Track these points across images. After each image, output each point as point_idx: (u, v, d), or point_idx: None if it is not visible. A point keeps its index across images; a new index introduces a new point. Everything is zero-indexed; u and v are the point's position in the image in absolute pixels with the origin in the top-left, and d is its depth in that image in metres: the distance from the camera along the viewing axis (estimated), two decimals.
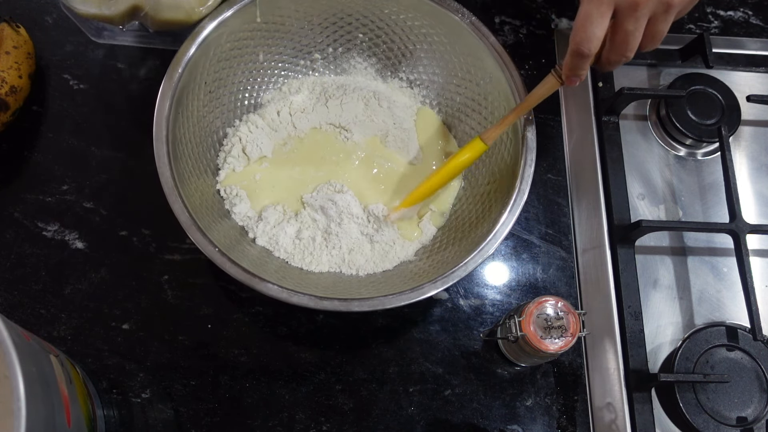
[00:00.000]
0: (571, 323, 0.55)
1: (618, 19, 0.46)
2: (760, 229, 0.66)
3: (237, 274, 0.51)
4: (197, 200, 0.56)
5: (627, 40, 0.47)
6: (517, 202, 0.55)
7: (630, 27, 0.46)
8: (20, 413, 0.38)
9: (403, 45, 0.67)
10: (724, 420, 0.60)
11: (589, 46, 0.47)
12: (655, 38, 0.48)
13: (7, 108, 0.64)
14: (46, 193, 0.66)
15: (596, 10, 0.46)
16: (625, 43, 0.47)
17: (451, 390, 0.62)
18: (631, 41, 0.47)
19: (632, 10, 0.45)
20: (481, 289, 0.66)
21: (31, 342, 0.45)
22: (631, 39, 0.47)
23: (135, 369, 0.60)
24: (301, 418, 0.60)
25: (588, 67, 0.50)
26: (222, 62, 0.62)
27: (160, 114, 0.55)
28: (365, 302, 0.52)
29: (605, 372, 0.63)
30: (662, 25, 0.47)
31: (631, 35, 0.47)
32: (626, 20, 0.46)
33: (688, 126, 0.72)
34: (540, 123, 0.67)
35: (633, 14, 0.45)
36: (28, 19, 0.71)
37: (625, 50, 0.48)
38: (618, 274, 0.65)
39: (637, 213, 0.70)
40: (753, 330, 0.61)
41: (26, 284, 0.62)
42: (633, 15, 0.45)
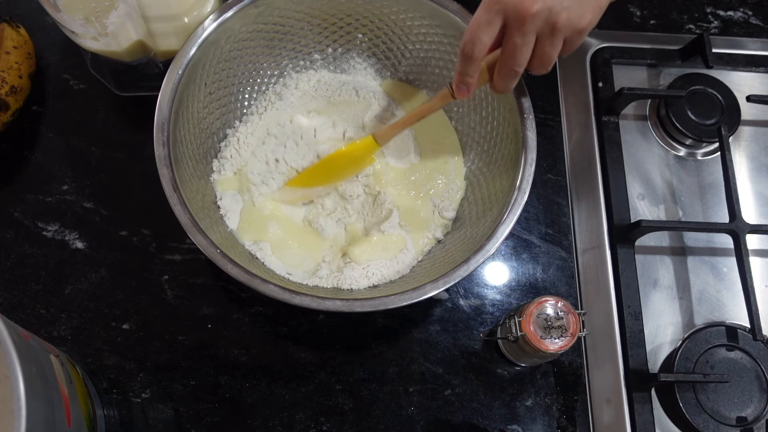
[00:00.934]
0: (571, 323, 0.55)
1: (507, 31, 0.48)
2: (760, 229, 0.66)
3: (238, 275, 0.51)
4: (198, 201, 0.56)
5: (514, 54, 0.48)
6: (517, 202, 0.55)
7: (518, 40, 0.47)
8: (20, 413, 0.38)
9: (403, 45, 0.67)
10: (724, 420, 0.60)
11: (473, 48, 0.49)
12: (543, 60, 0.49)
13: (7, 108, 0.64)
14: (46, 193, 0.66)
15: (485, 16, 0.48)
16: (513, 57, 0.49)
17: (451, 390, 0.62)
18: (518, 55, 0.48)
19: (519, 24, 0.46)
20: (481, 289, 0.66)
21: (31, 342, 0.45)
22: (518, 53, 0.48)
23: (135, 369, 0.60)
24: (301, 418, 0.60)
25: (475, 75, 0.51)
26: (222, 63, 0.62)
27: (160, 115, 0.55)
28: (367, 302, 0.52)
29: (605, 372, 0.63)
30: (548, 47, 0.48)
31: (518, 49, 0.48)
32: (514, 33, 0.47)
33: (688, 126, 0.72)
34: (540, 123, 0.67)
35: (520, 28, 0.47)
36: (28, 19, 0.70)
37: (513, 63, 0.49)
38: (618, 274, 0.65)
39: (637, 213, 0.70)
40: (753, 330, 0.61)
41: (26, 284, 0.62)
42: (520, 29, 0.47)
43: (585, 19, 0.48)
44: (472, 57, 0.50)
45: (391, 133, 0.61)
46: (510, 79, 0.51)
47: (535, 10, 0.45)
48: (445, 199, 0.65)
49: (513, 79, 0.51)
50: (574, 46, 0.50)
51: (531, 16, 0.46)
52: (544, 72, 0.51)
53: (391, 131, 0.61)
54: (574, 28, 0.48)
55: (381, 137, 0.61)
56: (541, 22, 0.46)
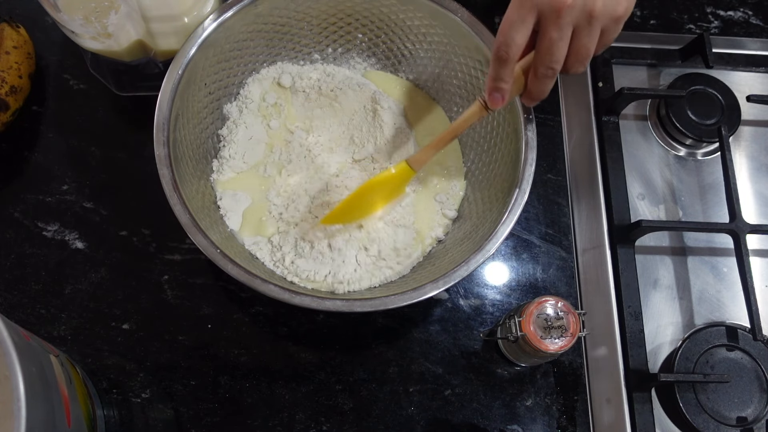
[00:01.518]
0: (571, 323, 0.55)
1: (542, 26, 0.46)
2: (760, 229, 0.66)
3: (238, 275, 0.51)
4: (198, 201, 0.56)
5: (552, 50, 0.46)
6: (518, 202, 0.55)
7: (554, 34, 0.45)
8: (20, 413, 0.38)
9: (403, 45, 0.67)
10: (724, 420, 0.60)
11: (508, 50, 0.47)
12: (580, 55, 0.47)
13: (7, 108, 0.64)
14: (46, 193, 0.66)
15: (518, 15, 0.46)
16: (550, 53, 0.47)
17: (451, 390, 0.62)
18: (555, 51, 0.46)
19: (555, 17, 0.45)
20: (481, 289, 0.66)
21: (31, 342, 0.45)
22: (556, 49, 0.46)
23: (135, 369, 0.60)
24: (301, 418, 0.60)
25: (509, 79, 0.49)
26: (222, 63, 0.62)
27: (160, 115, 0.55)
28: (367, 302, 0.52)
29: (605, 372, 0.63)
30: (586, 39, 0.46)
31: (555, 44, 0.46)
32: (550, 27, 0.45)
33: (688, 126, 0.72)
34: (540, 123, 0.67)
35: (556, 21, 0.45)
36: (28, 19, 0.70)
37: (550, 60, 0.47)
38: (618, 274, 0.65)
39: (637, 213, 0.70)
40: (753, 330, 0.61)
41: (26, 284, 0.62)
42: (556, 22, 0.45)
43: (621, 5, 0.46)
44: (507, 59, 0.47)
45: (426, 156, 0.57)
46: (547, 80, 0.49)
47: (571, 0, 0.44)
48: (450, 197, 0.65)
49: (550, 80, 0.49)
50: (612, 38, 0.48)
51: (567, 7, 0.44)
52: (581, 69, 0.49)
53: (425, 155, 0.57)
54: (610, 16, 0.46)
55: (416, 162, 0.58)
56: (578, 12, 0.45)
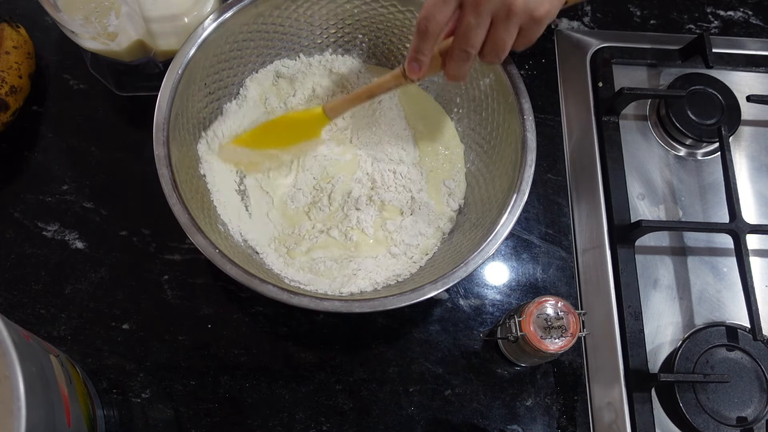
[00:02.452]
0: (571, 323, 0.55)
1: (462, 10, 0.48)
2: (760, 229, 0.66)
3: (237, 275, 0.51)
4: (197, 201, 0.56)
5: (468, 34, 0.48)
6: (517, 202, 0.55)
7: (472, 20, 0.47)
8: (20, 413, 0.38)
9: (403, 46, 0.67)
10: (724, 420, 0.60)
11: (428, 24, 0.48)
12: (496, 46, 0.49)
13: (7, 108, 0.64)
14: (46, 193, 0.66)
15: None
16: (466, 37, 0.48)
17: (451, 390, 0.62)
18: (471, 36, 0.48)
19: (475, 4, 0.46)
20: (481, 289, 0.66)
21: (31, 342, 0.45)
22: (473, 34, 0.48)
23: (135, 369, 0.60)
24: (301, 418, 0.60)
25: (428, 53, 0.51)
26: (222, 63, 0.62)
27: (160, 114, 0.55)
28: (366, 303, 0.52)
29: (605, 372, 0.63)
30: (503, 32, 0.48)
31: (472, 30, 0.48)
32: (469, 12, 0.47)
33: (688, 126, 0.72)
34: (540, 123, 0.67)
35: (475, 8, 0.47)
36: (28, 19, 0.70)
37: (466, 44, 0.49)
38: (618, 274, 0.65)
39: (637, 213, 0.70)
40: (753, 330, 0.61)
41: (26, 284, 0.63)
42: (475, 9, 0.47)
43: (543, 7, 0.47)
44: (427, 32, 0.49)
45: (341, 107, 0.60)
46: (462, 62, 0.51)
47: None
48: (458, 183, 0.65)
49: (466, 63, 0.51)
50: (533, 37, 0.50)
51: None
52: (496, 61, 0.51)
53: (341, 105, 0.59)
54: (530, 15, 0.47)
55: (331, 110, 0.60)
56: (497, 4, 0.46)
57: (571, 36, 0.78)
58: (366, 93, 0.58)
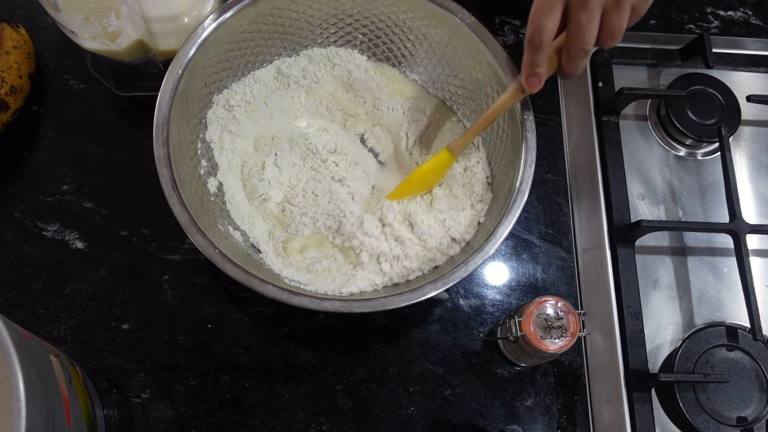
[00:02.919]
0: (571, 323, 0.55)
1: (571, 11, 0.47)
2: (760, 229, 0.66)
3: (237, 275, 0.51)
4: (197, 201, 0.56)
5: (582, 33, 0.48)
6: (517, 202, 0.55)
7: (583, 18, 0.47)
8: (20, 413, 0.38)
9: (403, 45, 0.67)
10: (724, 420, 0.60)
11: (541, 37, 0.48)
12: (612, 32, 0.48)
13: (7, 108, 0.64)
14: (46, 193, 0.66)
15: (546, 3, 0.47)
16: (581, 36, 0.48)
17: (451, 390, 0.62)
18: (586, 33, 0.47)
19: (583, 2, 0.46)
20: (481, 289, 0.66)
21: (31, 342, 0.45)
22: (586, 31, 0.47)
23: (135, 369, 0.60)
24: (301, 418, 0.60)
25: (544, 64, 0.51)
26: (222, 63, 0.62)
27: (159, 114, 0.55)
28: (366, 303, 0.52)
29: (605, 372, 0.63)
30: (616, 18, 0.47)
31: (585, 27, 0.47)
32: (579, 11, 0.47)
33: (688, 126, 0.72)
34: (540, 123, 0.67)
35: (584, 6, 0.46)
36: (28, 19, 0.70)
37: (582, 43, 0.48)
38: (618, 274, 0.65)
39: (637, 213, 0.70)
40: (753, 330, 0.61)
41: (26, 284, 0.63)
42: (584, 6, 0.46)
43: None
44: (541, 46, 0.49)
45: (465, 141, 0.60)
46: (580, 60, 0.50)
47: None
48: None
49: (583, 60, 0.50)
50: (643, 12, 0.49)
51: None
52: (614, 44, 0.50)
53: (465, 140, 0.60)
54: None
55: (456, 148, 0.60)
56: None
57: None
58: (487, 119, 0.58)
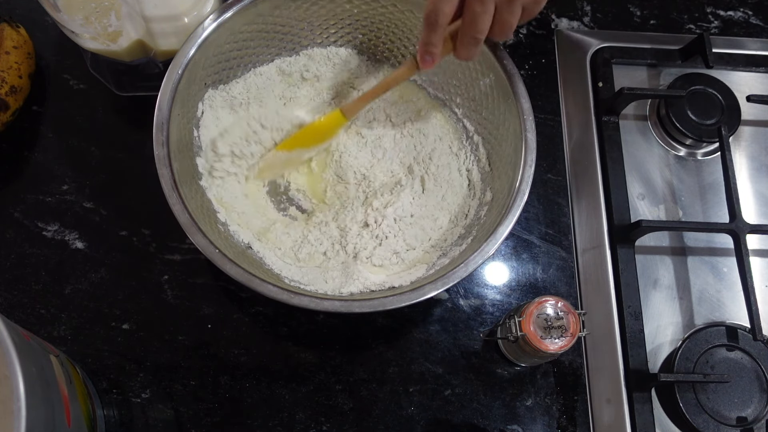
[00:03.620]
0: (571, 323, 0.55)
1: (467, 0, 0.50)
2: (760, 229, 0.66)
3: (237, 275, 0.51)
4: (197, 201, 0.56)
5: (475, 21, 0.50)
6: (517, 202, 0.55)
7: (477, 8, 0.50)
8: (20, 413, 0.38)
9: (403, 46, 0.67)
10: (724, 420, 0.60)
11: (437, 17, 0.51)
12: (503, 27, 0.51)
13: (7, 108, 0.64)
14: (46, 193, 0.66)
15: None
16: (474, 24, 0.51)
17: (451, 390, 0.62)
18: (479, 23, 0.50)
19: None
20: (481, 289, 0.66)
21: (31, 342, 0.45)
22: (479, 21, 0.50)
23: (135, 369, 0.60)
24: (301, 418, 0.60)
25: (439, 44, 0.53)
26: (222, 63, 0.62)
27: (159, 114, 0.55)
28: (366, 303, 0.52)
29: (605, 372, 0.63)
30: (507, 15, 0.51)
31: (478, 17, 0.50)
32: (474, 2, 0.49)
33: (688, 126, 0.72)
34: (540, 123, 0.67)
35: None
36: (28, 19, 0.70)
37: (474, 31, 0.51)
38: (618, 274, 0.65)
39: (637, 213, 0.70)
40: (753, 330, 0.61)
41: (26, 284, 0.63)
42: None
43: None
44: (436, 25, 0.51)
45: (358, 106, 0.62)
46: (472, 46, 0.53)
47: None
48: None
49: (475, 47, 0.53)
50: (534, 14, 0.52)
51: None
52: (505, 38, 0.54)
53: (357, 104, 0.62)
54: None
55: (348, 111, 0.62)
56: None
57: (571, 36, 0.78)
58: (380, 88, 0.60)
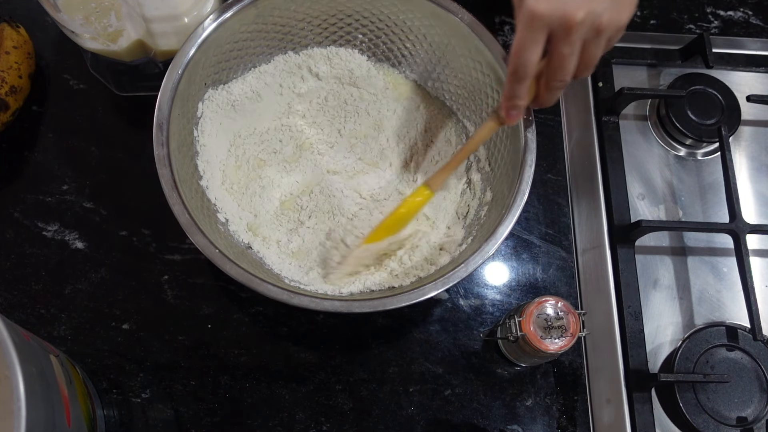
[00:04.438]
0: (571, 323, 0.55)
1: (553, 44, 0.48)
2: (760, 229, 0.66)
3: (237, 275, 0.51)
4: (197, 201, 0.56)
5: (563, 64, 0.48)
6: (517, 202, 0.55)
7: (566, 51, 0.47)
8: (20, 413, 0.38)
9: (403, 45, 0.67)
10: (724, 420, 0.60)
11: (525, 70, 0.49)
12: (588, 63, 0.49)
13: (7, 108, 0.64)
14: (46, 193, 0.66)
15: (530, 35, 0.47)
16: (562, 68, 0.49)
17: (451, 390, 0.62)
18: (566, 65, 0.48)
19: (566, 35, 0.46)
20: (481, 289, 0.66)
21: (31, 342, 0.45)
22: (567, 62, 0.48)
23: (135, 369, 0.60)
24: (301, 418, 0.60)
25: (525, 96, 0.51)
26: (222, 63, 0.62)
27: (159, 114, 0.55)
28: (365, 303, 0.52)
29: (605, 372, 0.63)
30: (595, 50, 0.49)
31: (566, 59, 0.48)
32: (561, 44, 0.47)
33: (688, 126, 0.72)
34: (540, 123, 0.67)
35: (567, 38, 0.47)
36: (28, 19, 0.70)
37: (562, 74, 0.49)
38: (618, 274, 0.65)
39: (637, 213, 0.70)
40: (753, 330, 0.61)
41: (26, 284, 0.63)
42: (567, 39, 0.47)
43: (625, 14, 0.48)
44: (524, 78, 0.49)
45: (443, 177, 0.59)
46: (558, 90, 0.51)
47: (580, 18, 0.45)
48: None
49: (560, 91, 0.51)
50: (614, 42, 0.50)
51: (577, 25, 0.45)
52: (588, 74, 0.51)
53: (442, 175, 0.59)
54: (616, 27, 0.48)
55: (434, 184, 0.59)
56: (587, 28, 0.46)
57: None
58: (465, 153, 0.58)
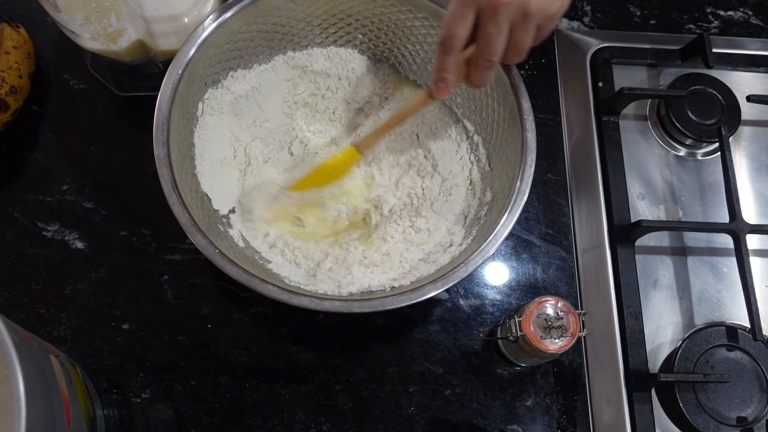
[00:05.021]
0: (571, 323, 0.55)
1: (481, 22, 0.49)
2: (760, 229, 0.66)
3: (237, 275, 0.51)
4: (197, 201, 0.56)
5: (490, 44, 0.49)
6: (517, 202, 0.55)
7: (492, 30, 0.48)
8: (20, 413, 0.38)
9: (403, 46, 0.67)
10: (724, 420, 0.60)
11: (452, 41, 0.50)
12: (517, 48, 0.50)
13: (7, 108, 0.64)
14: (46, 193, 0.66)
15: (459, 11, 0.49)
16: (489, 47, 0.49)
17: (451, 390, 0.62)
18: (493, 45, 0.49)
19: (492, 14, 0.47)
20: (481, 289, 0.66)
21: (31, 342, 0.45)
22: (494, 42, 0.49)
23: (135, 369, 0.60)
24: (301, 418, 0.60)
25: (454, 71, 0.52)
26: (222, 63, 0.62)
27: (159, 114, 0.55)
28: (365, 303, 0.52)
29: (605, 372, 0.63)
30: (522, 35, 0.49)
31: (493, 39, 0.49)
32: (488, 23, 0.48)
33: (688, 126, 0.72)
34: (540, 123, 0.67)
35: (494, 18, 0.48)
36: (28, 19, 0.70)
37: (489, 53, 0.50)
38: (618, 274, 0.65)
39: (637, 213, 0.70)
40: (753, 330, 0.61)
41: (26, 284, 0.63)
42: (494, 18, 0.48)
43: (555, 5, 0.49)
44: (451, 50, 0.50)
45: (371, 141, 0.62)
46: (487, 70, 0.52)
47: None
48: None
49: (490, 71, 0.52)
50: (546, 32, 0.51)
51: (503, 5, 0.47)
52: (519, 60, 0.52)
53: (371, 139, 0.62)
54: (545, 14, 0.49)
55: (362, 146, 0.62)
56: (514, 10, 0.47)
57: (571, 36, 0.78)
58: (394, 121, 0.60)
